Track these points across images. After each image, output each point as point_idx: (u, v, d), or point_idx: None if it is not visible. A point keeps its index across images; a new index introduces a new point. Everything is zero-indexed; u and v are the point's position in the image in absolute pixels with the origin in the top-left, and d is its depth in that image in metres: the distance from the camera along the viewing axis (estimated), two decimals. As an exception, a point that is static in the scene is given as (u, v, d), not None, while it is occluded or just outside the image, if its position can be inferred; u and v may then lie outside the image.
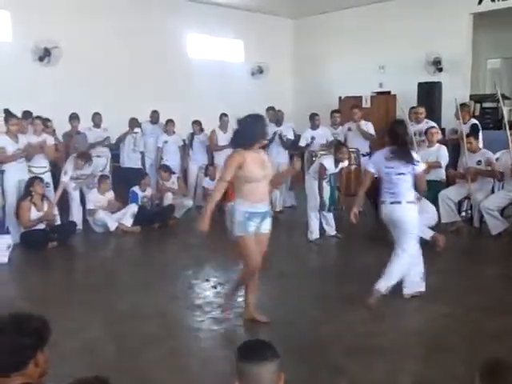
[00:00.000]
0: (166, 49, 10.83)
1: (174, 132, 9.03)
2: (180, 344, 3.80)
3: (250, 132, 3.86)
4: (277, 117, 9.03)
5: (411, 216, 4.32)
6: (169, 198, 8.05)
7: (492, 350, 3.33)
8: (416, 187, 4.40)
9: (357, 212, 4.63)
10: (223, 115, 8.96)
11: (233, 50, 12.37)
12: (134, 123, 8.73)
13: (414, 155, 4.40)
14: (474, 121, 8.10)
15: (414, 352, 3.63)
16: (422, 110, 8.07)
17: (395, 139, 4.38)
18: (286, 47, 13.21)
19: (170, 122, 8.96)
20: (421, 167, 4.37)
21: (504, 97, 10.38)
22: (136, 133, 8.79)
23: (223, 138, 8.85)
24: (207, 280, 5.23)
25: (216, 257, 6.27)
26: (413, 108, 8.38)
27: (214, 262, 6.03)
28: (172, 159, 8.86)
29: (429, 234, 5.91)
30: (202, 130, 9.19)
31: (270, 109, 9.01)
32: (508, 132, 6.50)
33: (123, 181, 8.26)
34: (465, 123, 7.69)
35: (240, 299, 4.61)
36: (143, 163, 8.89)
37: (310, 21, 12.84)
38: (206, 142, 9.13)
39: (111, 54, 9.95)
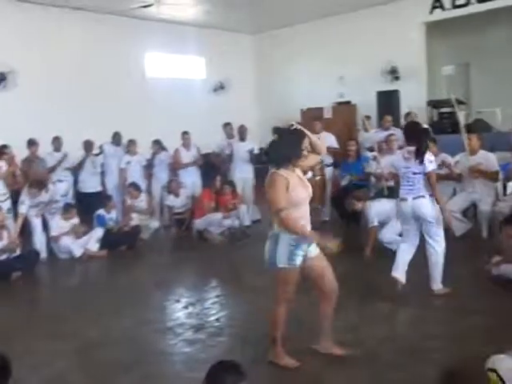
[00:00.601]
0: (124, 69, 10.75)
1: (136, 152, 8.92)
2: (152, 369, 3.70)
3: (291, 148, 3.45)
4: (232, 132, 8.91)
5: (434, 208, 4.61)
6: (135, 220, 7.92)
7: (463, 349, 3.38)
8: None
9: None
10: (185, 133, 8.91)
11: (194, 68, 12.37)
12: (88, 146, 8.59)
13: (427, 155, 4.59)
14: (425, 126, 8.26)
15: (390, 360, 3.60)
16: (389, 118, 8.27)
17: (411, 140, 4.64)
18: (247, 62, 13.30)
19: (131, 142, 8.85)
20: (430, 167, 4.59)
21: (459, 102, 10.66)
22: (99, 154, 8.67)
23: (187, 156, 8.82)
24: (178, 301, 5.14)
25: (186, 276, 6.21)
26: (367, 117, 8.60)
27: (183, 281, 5.97)
28: (136, 179, 8.74)
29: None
30: (163, 148, 9.07)
31: (227, 125, 8.97)
32: (465, 135, 6.67)
33: (84, 205, 8.09)
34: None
35: (212, 318, 4.57)
36: (104, 185, 8.75)
37: (269, 35, 13.00)
38: (167, 161, 9.02)
39: (69, 76, 9.83)
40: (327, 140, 8.38)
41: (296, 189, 3.38)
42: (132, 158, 8.85)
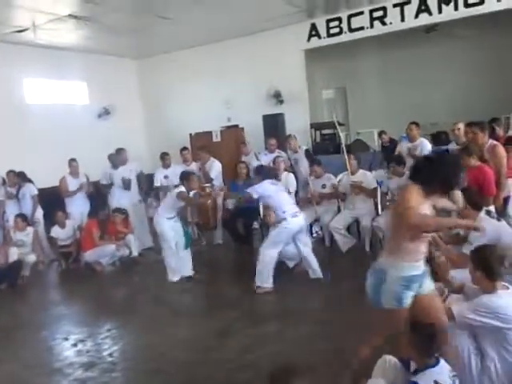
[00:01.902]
0: (1, 95, 10.09)
1: (15, 183, 8.37)
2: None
3: (448, 176, 2.95)
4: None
5: None
6: (14, 254, 7.33)
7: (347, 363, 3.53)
8: None
9: None
10: (72, 160, 8.54)
11: (76, 93, 11.95)
12: None
13: None
14: (305, 147, 8.66)
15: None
16: (273, 141, 8.54)
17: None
18: (131, 87, 13.09)
19: (10, 173, 8.30)
20: None
21: (339, 123, 11.33)
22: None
23: (74, 184, 8.46)
24: (66, 339, 4.88)
25: (74, 312, 5.93)
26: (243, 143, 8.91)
27: (72, 318, 5.67)
28: (26, 211, 8.20)
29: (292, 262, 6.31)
30: (29, 180, 8.51)
31: (112, 155, 8.73)
32: (346, 155, 7.08)
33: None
34: (296, 152, 8.26)
35: (104, 353, 4.39)
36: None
37: (152, 61, 12.92)
38: (31, 193, 8.38)
39: None
40: (215, 170, 8.46)
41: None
42: (12, 189, 8.31)
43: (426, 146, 7.11)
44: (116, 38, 10.70)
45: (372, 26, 10.33)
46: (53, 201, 8.48)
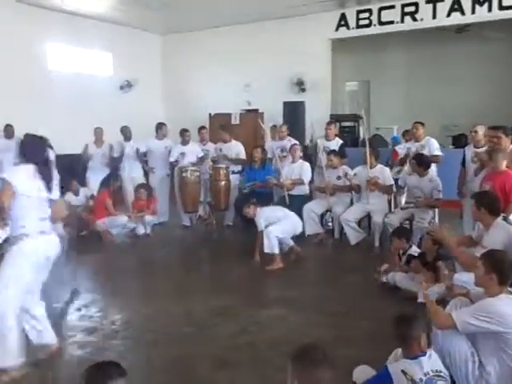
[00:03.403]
0: (22, 58, 10.06)
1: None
2: (40, 372, 3.53)
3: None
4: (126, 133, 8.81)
5: None
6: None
7: (352, 354, 3.54)
8: None
9: None
10: (97, 128, 8.63)
11: (100, 64, 11.98)
12: None
13: None
14: (341, 141, 8.51)
15: (279, 362, 3.71)
16: (284, 128, 8.49)
17: None
18: (154, 62, 13.11)
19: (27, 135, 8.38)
20: None
21: (359, 117, 11.26)
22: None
23: (96, 152, 8.54)
24: (70, 303, 4.95)
25: (80, 277, 5.99)
26: (274, 126, 8.81)
27: (77, 283, 5.73)
28: None
29: (289, 243, 6.32)
30: (49, 146, 8.56)
31: (124, 127, 8.79)
32: (368, 149, 7.01)
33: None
34: (329, 140, 8.18)
35: (106, 321, 4.44)
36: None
37: (178, 38, 12.91)
38: (50, 158, 8.48)
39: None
40: (236, 149, 8.49)
41: None
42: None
43: (433, 145, 7.05)
44: (144, 11, 10.68)
45: (402, 20, 10.20)
46: (71, 168, 8.55)
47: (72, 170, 8.53)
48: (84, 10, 10.67)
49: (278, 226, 6.08)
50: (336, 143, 8.14)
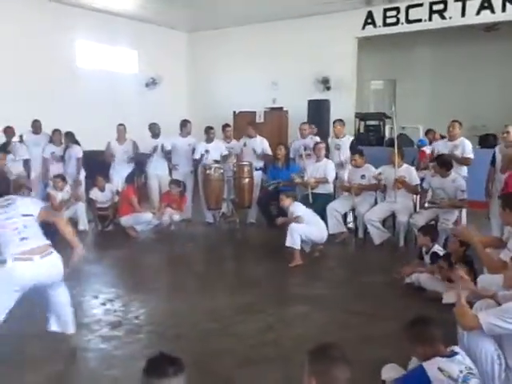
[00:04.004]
0: (52, 55, 10.25)
1: (61, 142, 8.61)
2: (66, 365, 3.59)
3: None
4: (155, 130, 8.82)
5: None
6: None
7: (376, 354, 3.52)
8: None
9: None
10: (119, 125, 8.70)
11: (126, 61, 12.11)
12: (9, 132, 8.19)
13: None
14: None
15: (303, 360, 3.70)
16: (306, 126, 8.48)
17: None
18: (180, 60, 13.20)
19: (56, 131, 8.53)
20: None
21: (386, 116, 11.17)
22: (20, 141, 8.32)
23: (118, 149, 8.61)
24: (95, 297, 5.00)
25: (105, 273, 6.07)
26: (304, 123, 8.81)
27: (102, 278, 5.81)
28: (71, 171, 8.49)
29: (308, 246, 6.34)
30: (75, 142, 8.67)
31: (152, 124, 8.84)
32: (396, 148, 6.93)
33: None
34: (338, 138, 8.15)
35: (130, 315, 4.49)
36: (28, 173, 8.38)
37: (204, 35, 12.97)
38: (76, 156, 8.60)
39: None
40: (262, 145, 8.50)
41: None
42: (56, 149, 8.55)
43: (467, 146, 6.93)
44: (170, 9, 10.77)
45: (430, 18, 10.07)
46: (96, 164, 8.69)
47: (98, 166, 8.65)
48: (112, 8, 10.80)
49: (304, 227, 6.06)
50: (347, 140, 8.16)
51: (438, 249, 5.25)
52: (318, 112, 10.59)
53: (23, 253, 3.31)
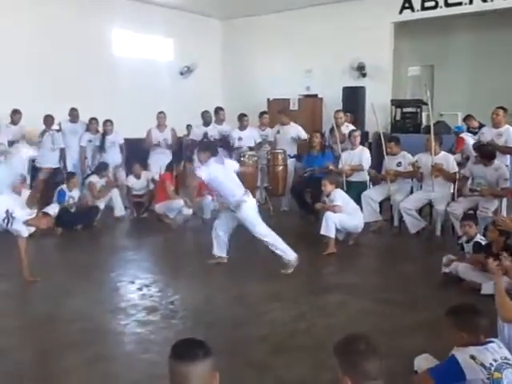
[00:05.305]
0: (90, 44, 10.37)
1: (97, 131, 8.74)
2: (103, 348, 3.67)
3: None
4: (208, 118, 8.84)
5: None
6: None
7: (411, 344, 3.47)
8: None
9: None
10: (160, 113, 8.78)
11: (161, 49, 12.18)
12: (49, 120, 8.36)
13: None
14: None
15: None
16: (341, 114, 8.34)
17: None
18: (214, 48, 13.19)
19: (93, 120, 8.67)
20: None
21: (422, 102, 10.92)
22: (58, 130, 8.49)
23: (158, 136, 8.69)
24: (132, 282, 5.09)
25: (141, 259, 6.16)
26: (338, 111, 8.68)
27: (139, 264, 5.91)
28: (113, 158, 8.58)
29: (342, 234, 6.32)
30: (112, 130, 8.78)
31: (205, 112, 8.88)
32: (432, 135, 6.77)
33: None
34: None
35: (166, 301, 4.55)
36: (64, 162, 8.55)
37: (238, 22, 12.91)
38: (118, 142, 8.73)
39: (30, 47, 9.47)
40: (296, 131, 8.45)
41: None
42: (93, 137, 8.68)
43: (511, 135, 6.71)
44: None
45: (471, 1, 9.76)
46: (132, 152, 8.79)
47: (135, 153, 8.76)
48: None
49: (340, 216, 6.02)
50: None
51: (480, 238, 5.11)
52: (352, 99, 10.44)
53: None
